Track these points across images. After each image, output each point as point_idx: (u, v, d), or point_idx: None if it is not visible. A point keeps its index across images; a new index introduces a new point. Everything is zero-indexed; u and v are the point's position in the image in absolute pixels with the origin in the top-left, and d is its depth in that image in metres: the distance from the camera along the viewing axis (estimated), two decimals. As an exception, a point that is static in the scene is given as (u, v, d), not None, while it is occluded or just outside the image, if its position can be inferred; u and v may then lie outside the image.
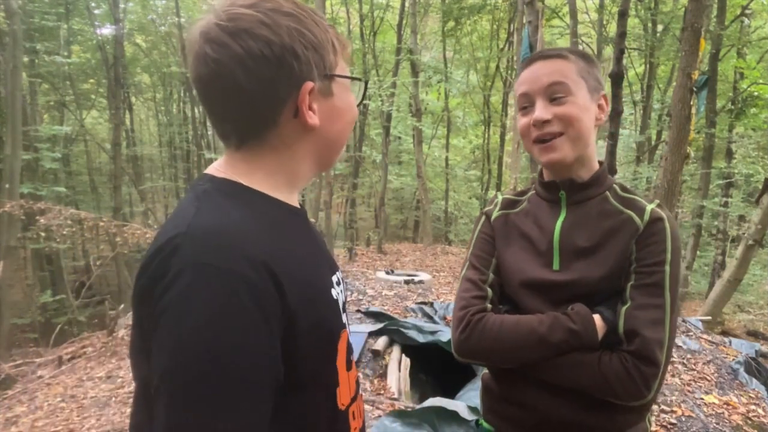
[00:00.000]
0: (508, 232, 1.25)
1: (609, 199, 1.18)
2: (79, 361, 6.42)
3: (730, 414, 3.71)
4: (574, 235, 1.16)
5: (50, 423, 4.47)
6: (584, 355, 1.08)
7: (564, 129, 1.13)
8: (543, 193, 1.25)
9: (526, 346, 1.10)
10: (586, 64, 1.17)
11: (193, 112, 19.46)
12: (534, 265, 1.18)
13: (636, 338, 1.05)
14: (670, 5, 13.59)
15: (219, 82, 0.72)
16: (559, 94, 1.13)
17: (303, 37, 0.73)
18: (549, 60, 1.16)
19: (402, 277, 7.61)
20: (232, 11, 0.72)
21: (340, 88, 0.81)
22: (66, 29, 14.95)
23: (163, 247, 0.66)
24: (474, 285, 1.21)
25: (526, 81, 1.17)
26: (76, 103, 17.62)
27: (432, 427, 3.01)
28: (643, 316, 1.06)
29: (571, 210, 1.19)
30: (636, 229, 1.12)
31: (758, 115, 12.70)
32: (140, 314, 0.67)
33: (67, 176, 17.21)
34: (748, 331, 9.82)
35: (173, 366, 0.62)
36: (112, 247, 10.43)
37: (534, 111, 1.14)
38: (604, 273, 1.12)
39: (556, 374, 1.11)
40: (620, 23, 6.66)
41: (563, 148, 1.14)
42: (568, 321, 1.09)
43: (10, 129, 10.01)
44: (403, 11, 15.86)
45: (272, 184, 0.79)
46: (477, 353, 1.16)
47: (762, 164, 13.32)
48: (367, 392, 3.83)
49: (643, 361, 1.04)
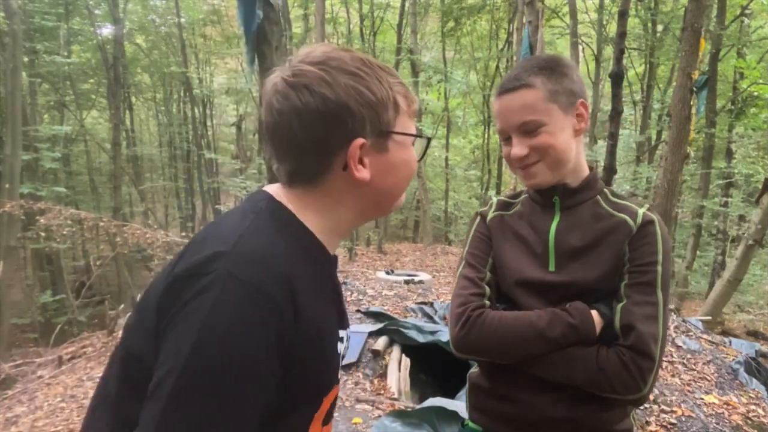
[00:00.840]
0: (503, 232, 1.29)
1: (600, 203, 1.23)
2: (79, 361, 6.42)
3: (730, 414, 3.72)
4: (569, 236, 1.20)
5: (50, 423, 4.47)
6: (582, 350, 1.11)
7: (541, 157, 1.18)
8: (537, 198, 1.28)
9: (525, 340, 1.13)
10: (554, 82, 1.17)
11: (193, 112, 19.46)
12: (530, 265, 1.22)
13: (632, 333, 1.09)
14: (670, 5, 13.60)
15: (278, 130, 0.78)
16: (531, 128, 1.16)
17: (360, 94, 0.77)
18: (515, 93, 1.18)
19: (402, 277, 7.61)
20: (299, 67, 0.78)
21: (396, 144, 0.84)
22: (66, 29, 14.95)
23: (207, 257, 0.70)
24: (472, 282, 1.24)
25: (500, 116, 1.22)
26: (76, 103, 17.62)
27: (432, 427, 3.01)
28: (638, 312, 1.10)
29: (565, 213, 1.23)
30: (629, 232, 1.16)
31: (758, 115, 12.70)
32: (163, 307, 0.70)
33: (67, 176, 17.20)
34: (748, 331, 9.83)
35: (183, 368, 0.63)
36: (112, 247, 10.43)
37: (512, 144, 1.20)
38: (599, 274, 1.16)
39: (555, 369, 1.13)
40: (620, 23, 6.66)
41: (543, 173, 1.19)
42: (567, 316, 1.12)
43: (10, 129, 10.02)
44: (403, 11, 15.87)
45: (318, 226, 0.82)
46: (476, 349, 1.18)
47: (762, 164, 13.33)
48: (367, 392, 3.83)
49: (639, 354, 1.08)
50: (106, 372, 0.80)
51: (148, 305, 0.72)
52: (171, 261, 0.77)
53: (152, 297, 0.72)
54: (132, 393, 0.71)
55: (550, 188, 1.23)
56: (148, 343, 0.70)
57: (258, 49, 4.85)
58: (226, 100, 21.07)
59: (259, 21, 4.67)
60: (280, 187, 0.84)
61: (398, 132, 0.83)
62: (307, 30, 16.84)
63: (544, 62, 1.21)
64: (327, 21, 15.05)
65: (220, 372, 0.64)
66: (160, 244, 8.04)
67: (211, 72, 21.55)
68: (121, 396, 0.74)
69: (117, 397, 0.74)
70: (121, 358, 0.76)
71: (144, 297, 0.77)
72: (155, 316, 0.70)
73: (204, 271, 0.68)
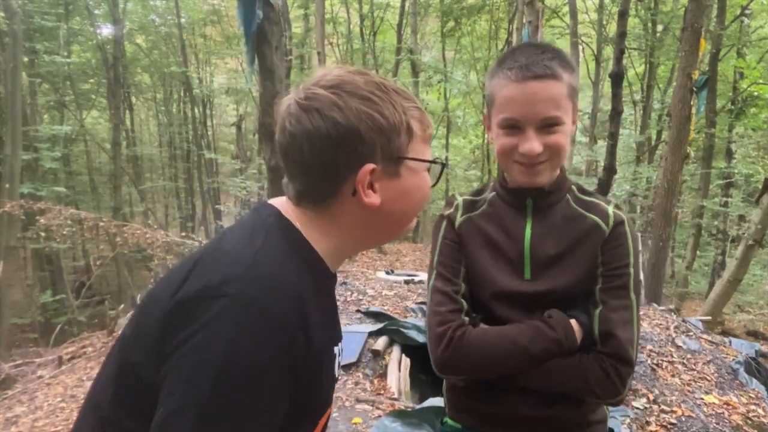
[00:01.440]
0: (473, 238, 1.22)
1: (570, 202, 1.20)
2: (79, 361, 6.42)
3: (730, 414, 3.72)
4: (544, 243, 1.17)
5: (50, 423, 4.47)
6: (564, 360, 1.11)
7: (550, 157, 1.12)
8: (507, 198, 1.22)
9: (509, 358, 1.11)
10: (572, 79, 1.11)
11: (193, 112, 19.46)
12: (505, 274, 1.18)
13: (611, 340, 1.10)
14: (670, 5, 13.60)
15: (290, 151, 0.78)
16: (551, 124, 1.09)
17: (371, 119, 0.76)
18: (542, 82, 1.07)
19: (402, 277, 7.61)
20: (311, 91, 0.77)
21: (409, 169, 0.82)
22: (66, 29, 14.95)
23: (220, 280, 0.69)
24: (447, 298, 1.18)
25: (517, 103, 1.09)
26: (76, 103, 17.62)
27: (432, 427, 3.01)
28: (615, 318, 1.11)
29: (537, 217, 1.19)
30: (602, 234, 1.15)
31: (758, 115, 12.70)
32: (171, 326, 0.68)
33: (67, 176, 17.20)
34: (748, 331, 9.83)
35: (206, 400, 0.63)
36: (112, 247, 10.43)
37: (522, 137, 1.10)
38: (575, 280, 1.15)
39: (537, 381, 1.13)
40: (620, 23, 6.66)
41: (546, 173, 1.15)
42: (549, 330, 1.11)
43: (10, 129, 10.02)
44: (403, 11, 15.87)
45: (323, 247, 0.82)
46: (461, 369, 1.16)
47: (762, 164, 13.33)
48: (367, 392, 3.83)
49: (619, 361, 1.09)
50: (100, 374, 0.80)
51: (151, 319, 0.71)
52: (174, 274, 0.75)
53: (155, 311, 0.71)
54: (125, 409, 0.72)
55: (523, 189, 1.18)
56: (148, 358, 0.69)
57: (258, 49, 4.85)
58: (226, 100, 21.08)
59: (259, 21, 4.67)
60: (287, 201, 0.84)
61: (411, 158, 0.82)
62: (307, 30, 16.85)
63: (562, 53, 1.13)
64: (327, 21, 15.05)
65: (240, 402, 0.64)
66: (160, 244, 8.04)
67: (211, 72, 21.56)
68: (113, 410, 0.73)
69: (109, 411, 0.74)
70: (118, 367, 0.75)
71: (144, 308, 0.76)
72: (160, 334, 0.69)
73: (217, 293, 0.67)
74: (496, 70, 1.14)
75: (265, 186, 8.44)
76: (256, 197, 16.37)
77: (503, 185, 1.24)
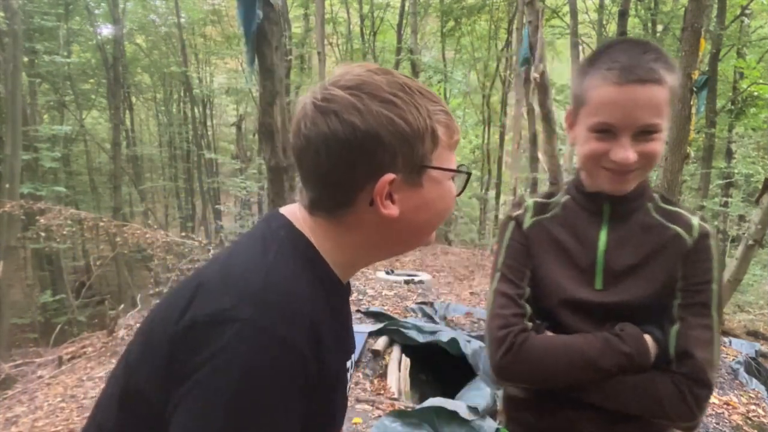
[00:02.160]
0: (543, 242, 1.16)
1: (650, 211, 1.12)
2: (79, 361, 6.42)
3: (730, 414, 3.72)
4: (619, 253, 1.10)
5: (50, 423, 4.47)
6: (635, 378, 1.04)
7: (643, 165, 1.04)
8: (583, 202, 1.15)
9: (574, 369, 1.04)
10: (673, 81, 1.02)
11: (193, 112, 19.46)
12: (575, 282, 1.11)
13: (689, 360, 1.02)
14: (670, 5, 13.59)
15: (305, 155, 0.73)
16: (650, 131, 1.01)
17: (393, 125, 0.71)
18: (645, 86, 0.98)
19: (402, 277, 7.61)
20: (330, 91, 0.72)
21: (432, 179, 0.76)
22: (66, 29, 14.95)
23: (232, 303, 0.65)
24: (511, 301, 1.12)
25: (615, 108, 1.00)
26: (76, 103, 17.63)
27: (432, 427, 3.01)
28: (694, 337, 1.03)
29: (613, 224, 1.12)
30: (684, 246, 1.07)
31: (758, 115, 12.70)
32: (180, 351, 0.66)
33: (67, 176, 17.21)
34: (748, 331, 9.82)
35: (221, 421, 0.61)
36: (112, 247, 10.42)
37: (615, 143, 1.02)
38: (651, 293, 1.07)
39: (605, 397, 1.05)
40: (620, 23, 6.67)
41: (634, 181, 1.07)
42: (621, 343, 1.03)
43: (10, 129, 10.02)
44: (403, 11, 15.87)
45: (336, 259, 0.77)
46: (521, 377, 1.09)
47: (762, 164, 13.32)
48: (367, 392, 3.83)
49: (696, 383, 1.01)
50: (105, 392, 0.78)
51: (156, 342, 0.69)
52: (177, 295, 0.72)
53: (160, 335, 0.69)
54: (131, 426, 0.71)
55: (601, 194, 1.11)
56: (155, 384, 0.67)
57: (258, 49, 4.85)
58: (226, 100, 21.07)
59: (259, 21, 4.67)
60: (299, 209, 0.79)
61: (434, 167, 0.76)
62: (307, 30, 16.85)
63: (664, 54, 1.03)
64: (327, 21, 15.05)
65: (257, 427, 0.63)
66: (160, 244, 8.03)
67: (211, 72, 21.56)
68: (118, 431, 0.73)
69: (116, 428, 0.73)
70: (122, 390, 0.73)
71: (149, 329, 0.73)
72: (167, 359, 0.66)
73: (230, 318, 0.64)
74: (589, 68, 1.05)
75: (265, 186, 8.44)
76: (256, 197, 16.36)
77: (579, 189, 1.16)
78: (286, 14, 14.44)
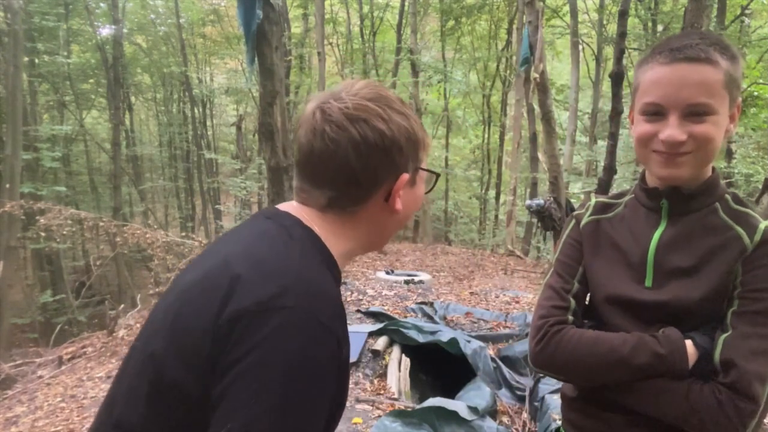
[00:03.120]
0: (597, 239, 1.16)
1: (718, 211, 1.06)
2: (79, 361, 6.42)
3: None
4: (673, 250, 1.06)
5: (50, 423, 4.47)
6: (671, 383, 0.99)
7: (695, 149, 1.00)
8: (643, 199, 1.13)
9: (604, 365, 1.02)
10: (733, 68, 1.00)
11: (193, 112, 19.46)
12: (623, 279, 1.09)
13: (732, 369, 0.95)
14: (670, 5, 13.60)
15: (332, 158, 0.81)
16: (700, 111, 0.98)
17: (408, 133, 0.85)
18: (695, 66, 0.97)
19: (402, 277, 7.61)
20: (357, 102, 0.82)
21: (420, 179, 0.92)
22: (65, 29, 14.95)
23: (274, 293, 0.71)
24: (556, 294, 1.14)
25: (663, 86, 0.99)
26: (76, 103, 17.63)
27: (432, 427, 3.01)
28: (743, 346, 0.96)
29: (672, 221, 1.08)
30: (743, 249, 1.01)
31: (758, 115, 12.70)
32: (225, 339, 0.70)
33: (67, 176, 17.22)
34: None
35: (279, 410, 0.67)
36: (112, 247, 10.43)
37: (664, 124, 1.00)
38: (703, 295, 1.02)
39: (639, 400, 1.02)
40: (620, 23, 6.67)
41: (688, 166, 1.02)
42: (655, 344, 1.00)
43: (10, 129, 10.03)
44: (403, 11, 15.86)
45: (339, 251, 0.86)
46: (551, 367, 1.09)
47: (762, 164, 13.33)
48: (367, 392, 3.83)
49: (738, 395, 0.94)
50: (120, 390, 0.80)
51: (190, 337, 0.72)
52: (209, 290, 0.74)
53: (196, 329, 0.72)
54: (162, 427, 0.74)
55: (659, 190, 1.08)
56: (195, 375, 0.71)
57: (258, 49, 4.86)
58: (226, 100, 21.08)
59: (259, 21, 4.67)
60: (301, 208, 0.87)
61: (425, 169, 0.91)
62: (306, 30, 16.85)
63: (723, 41, 1.01)
64: (327, 21, 15.05)
65: (308, 404, 0.69)
66: (160, 244, 8.03)
67: (210, 72, 21.57)
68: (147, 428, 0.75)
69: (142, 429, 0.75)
70: (150, 385, 0.75)
71: (173, 323, 0.76)
72: (209, 350, 0.70)
73: (278, 306, 0.70)
74: (647, 58, 1.05)
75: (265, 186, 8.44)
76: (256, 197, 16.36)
77: (641, 185, 1.15)
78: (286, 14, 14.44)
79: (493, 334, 4.86)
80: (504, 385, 3.99)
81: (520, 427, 3.51)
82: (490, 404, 3.46)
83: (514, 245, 12.47)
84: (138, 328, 6.90)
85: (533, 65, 6.97)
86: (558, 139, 7.79)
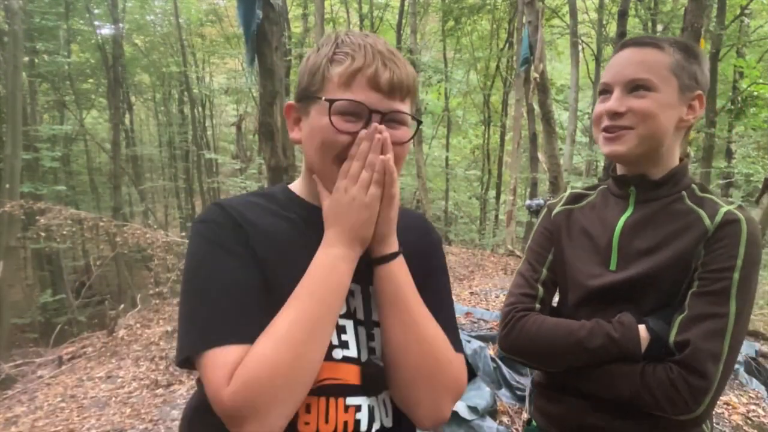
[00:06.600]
0: (569, 228, 1.21)
1: (684, 198, 1.10)
2: (79, 361, 6.41)
3: (730, 414, 3.71)
4: (637, 233, 1.10)
5: (50, 423, 4.47)
6: (626, 366, 1.02)
7: (635, 124, 1.05)
8: (613, 187, 1.19)
9: (562, 348, 1.07)
10: (684, 59, 1.06)
11: (193, 112, 19.45)
12: (588, 264, 1.14)
13: (686, 348, 0.98)
14: (670, 5, 13.59)
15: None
16: (641, 88, 1.05)
17: (307, 61, 0.89)
18: (640, 48, 1.07)
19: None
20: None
21: (319, 110, 0.83)
22: (65, 29, 14.94)
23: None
24: (525, 281, 1.20)
25: (611, 68, 1.10)
26: (76, 103, 17.62)
27: (432, 427, 3.01)
28: (699, 326, 0.98)
29: (638, 207, 1.13)
30: (705, 231, 1.03)
31: (758, 115, 12.69)
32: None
33: (67, 176, 17.21)
34: (748, 331, 9.82)
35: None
36: (112, 247, 10.42)
37: (609, 99, 1.08)
38: (659, 271, 1.05)
39: (597, 384, 1.06)
40: (620, 23, 6.67)
41: (628, 142, 1.07)
42: (610, 328, 1.04)
43: (10, 129, 10.02)
44: (403, 11, 15.86)
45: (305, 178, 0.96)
46: (515, 351, 1.15)
47: (762, 164, 13.33)
48: (367, 392, 3.82)
49: (690, 372, 0.96)
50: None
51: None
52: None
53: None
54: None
55: (626, 177, 1.14)
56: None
57: (258, 49, 4.85)
58: (226, 100, 21.06)
59: (259, 21, 4.67)
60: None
61: (317, 96, 0.84)
62: (306, 30, 16.84)
63: (682, 41, 1.11)
64: (327, 21, 15.05)
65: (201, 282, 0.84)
66: (160, 244, 8.02)
67: (210, 72, 21.55)
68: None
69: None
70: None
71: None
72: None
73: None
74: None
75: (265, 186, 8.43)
76: (256, 197, 16.28)
77: (611, 174, 1.21)
78: (286, 14, 14.44)
79: (493, 334, 4.86)
80: (504, 385, 3.99)
81: (520, 427, 3.51)
82: (490, 404, 3.45)
83: (514, 245, 12.46)
84: (138, 328, 6.90)
85: (533, 65, 6.97)
86: (558, 139, 7.79)
